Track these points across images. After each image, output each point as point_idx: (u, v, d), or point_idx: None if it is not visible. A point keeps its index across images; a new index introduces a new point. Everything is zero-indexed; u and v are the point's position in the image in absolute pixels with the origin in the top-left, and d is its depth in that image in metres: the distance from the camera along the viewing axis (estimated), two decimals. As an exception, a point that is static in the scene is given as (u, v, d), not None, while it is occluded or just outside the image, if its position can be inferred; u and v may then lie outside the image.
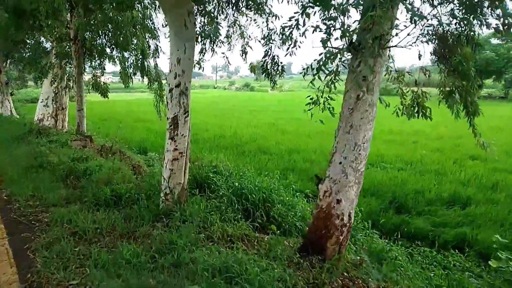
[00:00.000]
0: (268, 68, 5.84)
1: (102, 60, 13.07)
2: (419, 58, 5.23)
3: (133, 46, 11.63)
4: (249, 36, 6.37)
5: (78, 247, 4.22)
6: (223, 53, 6.43)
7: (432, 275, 5.48)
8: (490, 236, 8.16)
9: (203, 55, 6.16)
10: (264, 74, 6.03)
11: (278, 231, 6.00)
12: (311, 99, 4.43)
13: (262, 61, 5.75)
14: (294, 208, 6.86)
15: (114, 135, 15.56)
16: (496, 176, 12.21)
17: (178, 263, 3.60)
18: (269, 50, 5.58)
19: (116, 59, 12.80)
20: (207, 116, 27.02)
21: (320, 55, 4.83)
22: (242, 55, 6.49)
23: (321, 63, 4.45)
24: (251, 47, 6.53)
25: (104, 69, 12.88)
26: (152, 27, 11.37)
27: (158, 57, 11.46)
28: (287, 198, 7.04)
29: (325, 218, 4.50)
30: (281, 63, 5.83)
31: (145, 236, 4.47)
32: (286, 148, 16.04)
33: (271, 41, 5.44)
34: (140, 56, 11.24)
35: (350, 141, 4.46)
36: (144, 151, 15.71)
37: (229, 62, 6.66)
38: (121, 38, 11.24)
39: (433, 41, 5.00)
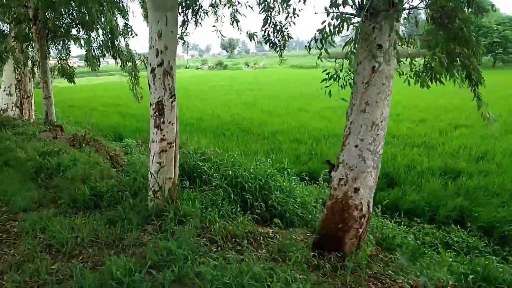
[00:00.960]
0: (271, 37, 5.14)
1: (67, 42, 11.96)
2: (416, 26, 4.68)
3: (100, 25, 10.61)
4: (238, 2, 5.50)
5: (55, 264, 3.49)
6: (213, 25, 5.62)
7: (452, 260, 5.05)
8: (489, 209, 7.91)
9: (186, 28, 5.39)
10: (268, 44, 5.30)
11: (280, 222, 5.47)
12: (328, 73, 3.79)
13: (262, 30, 5.05)
14: (293, 194, 6.31)
15: (85, 123, 14.59)
16: (485, 144, 11.99)
17: (181, 279, 2.98)
18: (269, 18, 4.88)
19: (82, 41, 11.73)
20: (183, 98, 25.97)
21: (323, 23, 4.24)
22: (233, 24, 5.62)
23: (328, 32, 3.84)
24: (244, 15, 5.67)
25: (69, 52, 11.78)
26: (121, 4, 10.38)
27: (129, 36, 10.48)
28: (284, 184, 6.47)
29: (341, 209, 3.95)
30: (286, 29, 5.10)
31: (136, 244, 3.78)
32: (269, 128, 15.43)
33: (269, 7, 4.71)
34: (110, 36, 10.25)
35: (367, 120, 3.88)
36: (120, 137, 14.83)
37: (222, 35, 5.86)
38: (86, 17, 10.22)
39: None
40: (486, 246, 6.70)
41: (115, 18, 10.33)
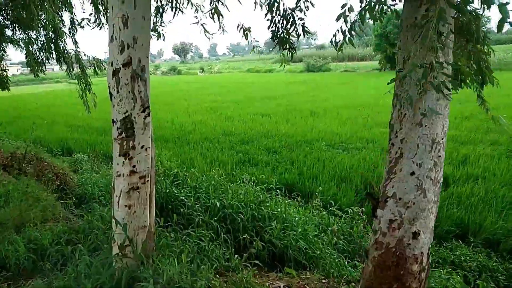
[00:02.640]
0: (279, 30, 3.88)
1: (0, 43, 10.11)
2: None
3: (41, 22, 8.92)
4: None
5: None
6: (195, 16, 4.23)
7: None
8: (488, 220, 7.16)
9: (161, 16, 4.05)
10: (274, 41, 4.04)
11: (286, 266, 4.28)
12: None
13: (268, 19, 3.79)
14: (290, 222, 5.13)
15: (27, 138, 12.72)
16: (465, 148, 11.44)
17: None
18: (276, 2, 3.65)
19: (20, 42, 9.94)
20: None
21: (343, 6, 3.19)
22: (213, 17, 4.21)
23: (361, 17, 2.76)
24: (226, 6, 4.24)
25: (3, 55, 9.92)
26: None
27: (75, 33, 8.79)
28: (278, 210, 5.27)
29: (395, 264, 2.82)
30: (300, 20, 3.82)
31: None
32: (235, 136, 14.20)
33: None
34: (52, 35, 8.57)
35: (425, 137, 2.78)
36: (69, 152, 13.08)
37: (206, 31, 4.41)
38: (23, 13, 8.54)
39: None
40: (497, 264, 5.91)
41: (59, 14, 8.67)
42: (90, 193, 7.09)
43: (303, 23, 3.76)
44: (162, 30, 4.36)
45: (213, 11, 4.12)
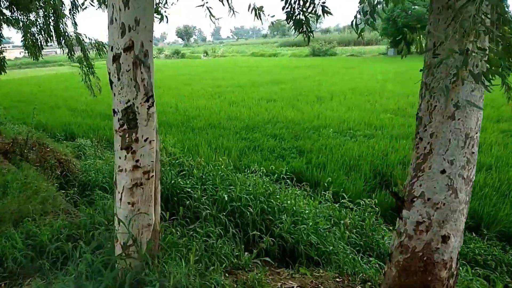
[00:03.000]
0: (295, 11, 3.57)
1: (-1, 25, 9.77)
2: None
3: (40, 3, 8.59)
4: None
5: None
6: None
7: None
8: (503, 211, 6.92)
9: (164, -6, 3.73)
10: (290, 23, 3.74)
11: (297, 263, 4.08)
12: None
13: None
14: (302, 216, 4.90)
15: (29, 123, 12.54)
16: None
17: None
18: None
19: (19, 23, 9.60)
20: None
21: None
22: None
23: None
24: None
25: (2, 38, 9.59)
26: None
27: (76, 15, 8.42)
28: (288, 202, 5.04)
29: (422, 270, 2.59)
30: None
31: None
32: (240, 122, 13.93)
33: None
34: (52, 17, 8.24)
35: (458, 132, 2.51)
36: (72, 137, 12.92)
37: (212, 15, 4.05)
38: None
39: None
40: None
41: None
42: (93, 180, 6.90)
43: (323, 2, 3.43)
44: (165, 12, 4.06)
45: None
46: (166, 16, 4.05)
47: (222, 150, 10.45)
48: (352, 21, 3.01)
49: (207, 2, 3.89)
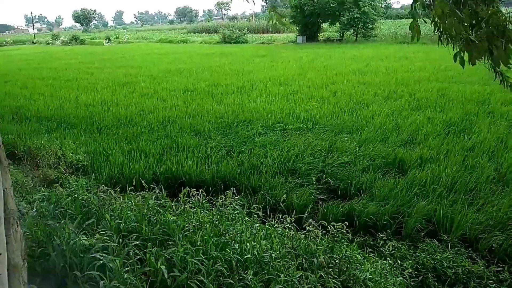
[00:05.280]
0: None
1: None
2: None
3: None
4: None
5: None
6: None
7: None
8: (460, 212, 6.34)
9: None
10: None
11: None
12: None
13: None
14: (266, 265, 3.57)
15: None
16: (403, 124, 10.70)
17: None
18: None
19: None
20: (29, 80, 20.62)
21: None
22: None
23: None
24: None
25: None
26: None
27: None
28: (248, 245, 3.64)
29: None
30: None
31: None
32: (156, 116, 12.27)
33: None
34: None
35: None
36: None
37: None
38: None
39: None
40: (484, 268, 5.18)
41: None
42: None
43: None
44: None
45: None
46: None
47: (137, 154, 8.82)
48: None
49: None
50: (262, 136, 9.90)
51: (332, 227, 4.17)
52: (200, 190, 4.61)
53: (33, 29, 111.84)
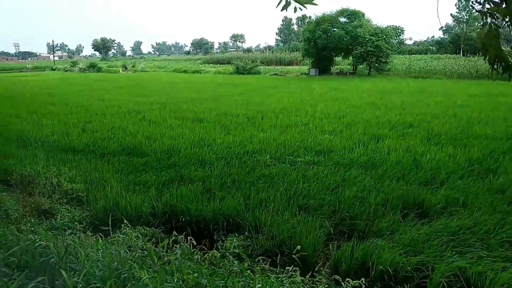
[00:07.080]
0: None
1: None
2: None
3: None
4: None
5: None
6: None
7: None
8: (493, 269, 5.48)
9: None
10: None
11: None
12: None
13: None
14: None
15: None
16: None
17: None
18: None
19: None
20: (40, 105, 20.60)
21: None
22: None
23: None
24: None
25: None
26: None
27: None
28: None
29: None
30: None
31: None
32: (161, 145, 11.79)
33: None
34: None
35: None
36: None
37: None
38: None
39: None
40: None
41: None
42: None
43: None
44: None
45: None
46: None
47: (137, 185, 8.28)
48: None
49: None
50: (271, 169, 9.30)
51: (347, 284, 3.49)
52: (189, 238, 3.94)
53: (54, 56, 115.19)
